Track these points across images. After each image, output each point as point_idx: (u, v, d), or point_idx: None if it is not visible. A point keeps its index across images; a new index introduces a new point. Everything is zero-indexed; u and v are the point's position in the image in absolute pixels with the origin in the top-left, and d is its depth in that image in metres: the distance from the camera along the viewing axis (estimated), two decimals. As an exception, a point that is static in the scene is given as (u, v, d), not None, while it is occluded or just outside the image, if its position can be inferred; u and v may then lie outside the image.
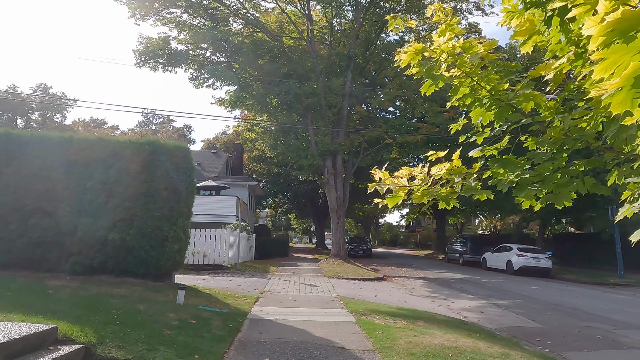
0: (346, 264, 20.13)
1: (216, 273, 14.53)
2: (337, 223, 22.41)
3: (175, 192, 8.83)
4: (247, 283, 11.99)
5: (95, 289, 7.30)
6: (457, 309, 10.17)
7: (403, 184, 2.88)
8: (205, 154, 35.53)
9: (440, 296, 12.27)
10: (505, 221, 47.20)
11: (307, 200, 41.32)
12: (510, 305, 10.78)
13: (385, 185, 2.86)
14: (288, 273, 16.15)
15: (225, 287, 10.77)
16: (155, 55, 23.34)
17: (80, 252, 8.45)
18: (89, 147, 8.75)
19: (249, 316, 7.23)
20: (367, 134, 22.58)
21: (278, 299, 9.43)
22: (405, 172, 2.89)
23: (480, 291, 13.55)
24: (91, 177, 8.54)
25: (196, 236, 15.48)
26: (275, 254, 26.51)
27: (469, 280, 17.20)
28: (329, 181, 22.27)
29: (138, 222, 8.44)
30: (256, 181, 31.61)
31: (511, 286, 15.17)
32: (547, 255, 20.08)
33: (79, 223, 8.39)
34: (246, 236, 20.08)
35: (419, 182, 2.91)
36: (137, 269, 8.54)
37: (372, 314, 7.84)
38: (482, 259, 23.55)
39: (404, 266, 23.97)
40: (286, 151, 22.88)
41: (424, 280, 16.83)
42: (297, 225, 71.99)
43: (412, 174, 2.93)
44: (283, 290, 10.98)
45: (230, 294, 9.22)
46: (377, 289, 12.81)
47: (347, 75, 23.04)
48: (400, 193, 2.89)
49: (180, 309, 6.75)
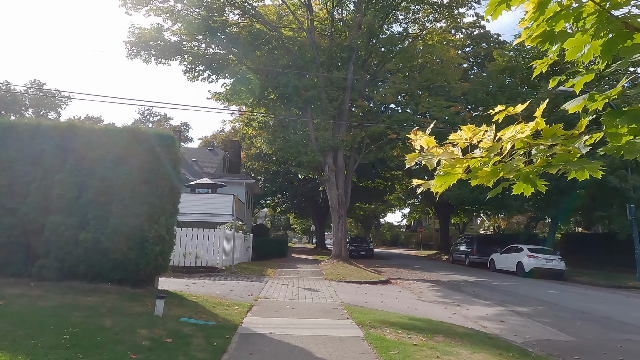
0: (348, 265, 19.08)
1: (209, 276, 13.48)
2: (338, 222, 21.35)
3: (158, 187, 7.78)
4: (241, 288, 10.94)
5: (59, 298, 6.25)
6: (473, 317, 9.13)
7: (457, 156, 1.83)
8: (201, 151, 34.48)
9: (452, 302, 11.22)
10: (510, 221, 46.22)
11: (306, 199, 40.24)
12: (532, 313, 9.73)
13: (433, 157, 1.81)
14: (286, 276, 15.10)
15: (216, 292, 9.72)
16: (147, 47, 22.26)
17: (48, 255, 7.41)
18: (59, 135, 7.70)
19: (240, 330, 6.18)
20: (370, 129, 21.52)
21: (274, 307, 8.37)
22: (465, 134, 1.84)
23: (495, 296, 12.50)
24: (61, 169, 7.49)
25: (187, 236, 14.44)
26: (273, 254, 25.47)
27: (479, 283, 16.16)
28: (330, 178, 21.21)
29: (114, 220, 7.39)
30: (254, 179, 30.55)
31: (526, 290, 14.12)
32: (559, 257, 19.03)
33: (46, 221, 7.35)
34: (242, 236, 19.03)
35: (482, 152, 1.86)
36: (113, 273, 7.49)
37: (382, 326, 6.79)
38: (490, 260, 22.49)
39: (407, 267, 22.93)
40: (285, 147, 21.80)
41: (432, 283, 15.78)
42: (297, 225, 70.88)
43: (470, 138, 1.88)
44: (280, 296, 9.93)
45: (220, 302, 8.16)
46: (382, 294, 11.76)
47: (348, 67, 21.97)
48: (457, 169, 1.86)
49: (157, 322, 5.70)
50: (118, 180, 7.48)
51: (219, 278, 13.03)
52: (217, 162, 31.16)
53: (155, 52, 22.44)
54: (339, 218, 21.26)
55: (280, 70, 20.82)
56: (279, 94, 21.11)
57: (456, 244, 29.70)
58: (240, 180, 27.44)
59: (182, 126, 61.48)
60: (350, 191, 22.64)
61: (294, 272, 16.85)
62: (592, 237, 27.99)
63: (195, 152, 33.66)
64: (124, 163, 7.57)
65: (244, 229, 19.80)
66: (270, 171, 38.67)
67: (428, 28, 25.60)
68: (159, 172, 7.83)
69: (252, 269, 16.23)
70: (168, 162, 8.07)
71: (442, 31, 26.63)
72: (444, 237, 39.00)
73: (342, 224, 21.33)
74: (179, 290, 9.31)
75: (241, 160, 37.22)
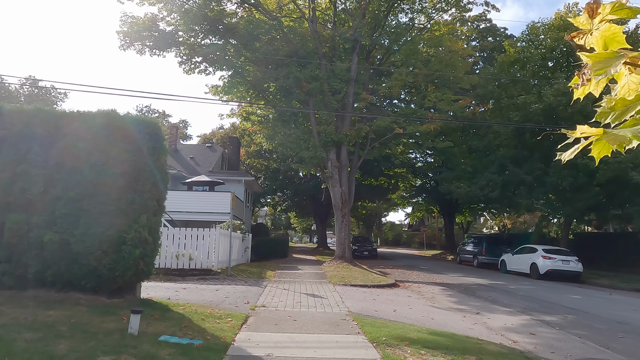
0: (352, 267, 18.02)
1: (203, 279, 12.43)
2: (341, 221, 20.27)
3: (139, 181, 6.73)
4: (237, 294, 9.89)
5: (14, 313, 5.21)
6: (498, 328, 8.07)
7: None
8: (199, 147, 33.43)
9: (470, 309, 10.17)
10: (516, 220, 45.12)
11: (307, 198, 39.18)
12: (564, 324, 8.67)
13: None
14: (287, 279, 14.06)
15: (208, 300, 8.67)
16: (141, 37, 21.18)
17: (10, 259, 6.37)
18: (23, 120, 6.64)
19: (231, 351, 5.13)
20: (375, 123, 20.43)
21: (273, 318, 7.32)
22: None
23: (514, 302, 11.44)
24: (24, 159, 6.44)
25: (180, 236, 13.40)
26: (273, 255, 24.45)
27: (493, 286, 15.10)
28: (333, 175, 20.14)
29: (86, 220, 6.34)
30: (254, 177, 29.47)
31: (547, 295, 13.06)
32: (576, 258, 17.96)
33: (6, 220, 6.29)
34: (240, 236, 17.98)
35: None
36: (86, 281, 6.44)
37: (400, 344, 5.74)
38: (501, 261, 21.42)
39: (414, 268, 21.89)
40: (285, 142, 20.71)
41: (443, 286, 14.72)
42: (298, 224, 69.81)
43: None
44: (280, 304, 8.87)
45: (211, 312, 7.11)
46: (393, 300, 10.70)
47: (352, 58, 20.88)
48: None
49: (128, 344, 4.65)
50: (91, 172, 6.43)
51: (213, 282, 11.99)
52: (216, 159, 30.11)
53: (150, 42, 21.38)
54: (343, 217, 20.19)
55: (280, 60, 19.74)
56: (279, 86, 20.01)
57: (463, 243, 28.66)
58: (239, 177, 26.38)
59: (181, 123, 60.46)
60: (354, 189, 21.57)
61: (295, 274, 15.81)
62: (603, 236, 26.89)
63: (192, 148, 32.60)
64: (98, 153, 6.52)
65: (242, 228, 18.75)
66: (271, 169, 37.61)
67: (435, 19, 24.52)
68: (140, 164, 6.77)
69: (251, 271, 15.19)
70: (151, 152, 7.01)
71: (448, 23, 25.58)
72: (449, 237, 37.95)
73: (346, 223, 20.26)
74: (166, 298, 8.26)
75: (240, 157, 36.16)
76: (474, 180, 21.72)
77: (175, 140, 30.46)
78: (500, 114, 20.73)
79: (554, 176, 18.50)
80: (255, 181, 29.40)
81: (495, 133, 20.45)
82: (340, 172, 20.33)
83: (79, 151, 6.49)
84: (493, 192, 20.10)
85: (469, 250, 26.39)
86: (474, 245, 26.00)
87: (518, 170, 19.17)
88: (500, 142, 20.07)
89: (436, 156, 26.22)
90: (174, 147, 30.01)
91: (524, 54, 21.36)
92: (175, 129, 31.93)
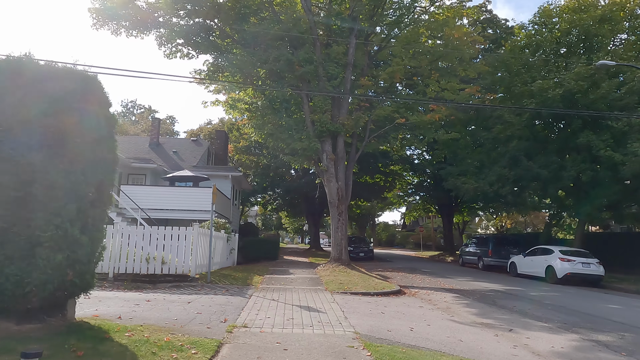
0: (350, 270, 16.13)
1: (177, 287, 10.46)
2: (337, 220, 18.36)
3: (65, 157, 4.75)
4: (214, 307, 7.93)
5: None
6: (547, 353, 6.23)
7: None
8: (183, 141, 31.31)
9: (499, 324, 8.32)
10: (517, 220, 43.66)
11: (300, 196, 37.20)
12: (624, 345, 6.87)
13: None
14: (277, 286, 12.11)
15: (173, 318, 6.70)
16: (116, 17, 19.07)
17: None
18: None
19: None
20: (375, 112, 18.58)
21: (256, 346, 5.38)
22: None
23: (548, 314, 9.62)
24: None
25: (149, 235, 11.41)
26: (263, 256, 22.53)
27: (512, 293, 13.31)
28: (329, 169, 18.23)
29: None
30: (242, 173, 27.44)
31: (579, 304, 11.29)
32: (597, 260, 16.28)
33: None
34: (224, 236, 15.98)
35: None
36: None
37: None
38: (510, 263, 19.68)
39: (415, 271, 20.07)
40: (276, 132, 18.75)
41: (454, 293, 12.88)
42: (289, 224, 67.72)
43: None
44: (267, 321, 6.94)
45: (169, 340, 5.16)
46: (404, 313, 8.81)
47: (350, 41, 18.98)
48: None
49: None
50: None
51: (188, 291, 10.02)
52: (201, 153, 28.02)
53: (126, 23, 19.29)
54: (339, 215, 18.28)
55: (270, 42, 17.79)
56: (268, 70, 18.05)
57: (465, 245, 26.95)
58: (225, 172, 24.35)
59: (168, 119, 58.30)
60: (351, 184, 19.68)
61: (286, 279, 13.86)
62: (614, 236, 25.31)
63: (176, 142, 30.48)
64: (2, 116, 4.54)
65: (227, 227, 16.76)
66: (261, 165, 35.58)
67: (436, 3, 22.74)
68: (69, 134, 4.80)
69: (235, 277, 13.21)
70: (88, 119, 5.04)
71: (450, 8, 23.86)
72: (448, 237, 36.28)
73: (343, 222, 18.36)
74: (116, 317, 6.29)
75: (228, 152, 34.11)
76: (480, 176, 19.96)
77: (157, 133, 28.32)
78: (511, 102, 18.99)
79: (571, 170, 16.79)
80: (244, 177, 27.39)
81: (506, 124, 18.68)
82: (336, 166, 18.44)
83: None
84: (503, 188, 18.34)
85: (472, 252, 24.65)
86: (478, 246, 24.26)
87: (532, 164, 17.43)
88: (512, 132, 18.30)
89: (439, 150, 24.43)
90: (155, 141, 27.91)
91: (535, 39, 19.66)
92: (157, 121, 29.78)
